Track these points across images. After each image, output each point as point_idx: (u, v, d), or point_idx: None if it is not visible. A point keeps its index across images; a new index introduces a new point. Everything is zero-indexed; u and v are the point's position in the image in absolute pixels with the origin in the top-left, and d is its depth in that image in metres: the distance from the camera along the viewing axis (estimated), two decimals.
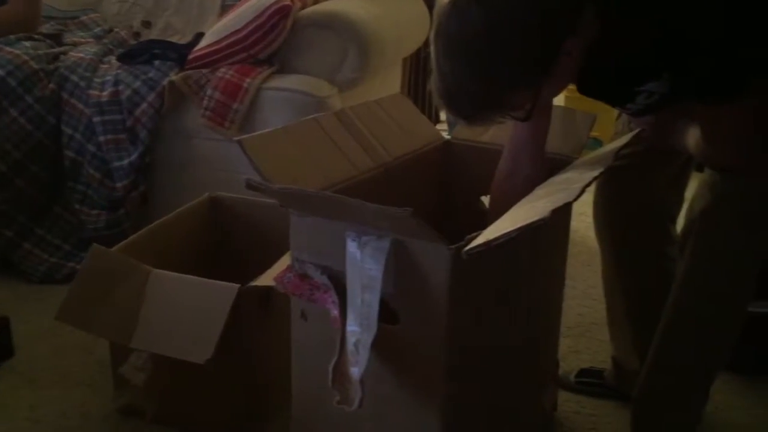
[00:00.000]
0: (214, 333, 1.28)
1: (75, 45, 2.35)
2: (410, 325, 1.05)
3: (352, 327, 1.03)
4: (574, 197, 0.92)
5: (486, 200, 1.49)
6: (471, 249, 0.89)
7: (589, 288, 2.04)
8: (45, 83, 2.11)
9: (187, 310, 1.34)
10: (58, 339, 1.74)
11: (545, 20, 0.99)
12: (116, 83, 2.09)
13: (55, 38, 2.38)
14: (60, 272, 2.05)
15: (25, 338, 1.75)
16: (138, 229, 1.61)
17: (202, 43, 2.16)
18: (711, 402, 1.42)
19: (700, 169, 1.34)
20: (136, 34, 2.53)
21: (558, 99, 1.23)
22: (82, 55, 2.21)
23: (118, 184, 2.08)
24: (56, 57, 2.21)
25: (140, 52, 2.20)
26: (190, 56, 2.14)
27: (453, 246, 0.97)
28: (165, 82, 2.06)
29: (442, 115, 3.28)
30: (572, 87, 1.13)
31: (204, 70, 2.08)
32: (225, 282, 1.34)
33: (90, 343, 1.70)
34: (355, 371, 1.03)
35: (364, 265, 1.01)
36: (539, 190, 1.10)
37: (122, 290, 1.37)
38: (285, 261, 1.19)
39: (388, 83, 2.51)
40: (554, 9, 0.99)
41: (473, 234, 0.94)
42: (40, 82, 2.10)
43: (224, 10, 2.42)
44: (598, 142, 2.65)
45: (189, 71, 2.09)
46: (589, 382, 1.61)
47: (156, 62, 2.14)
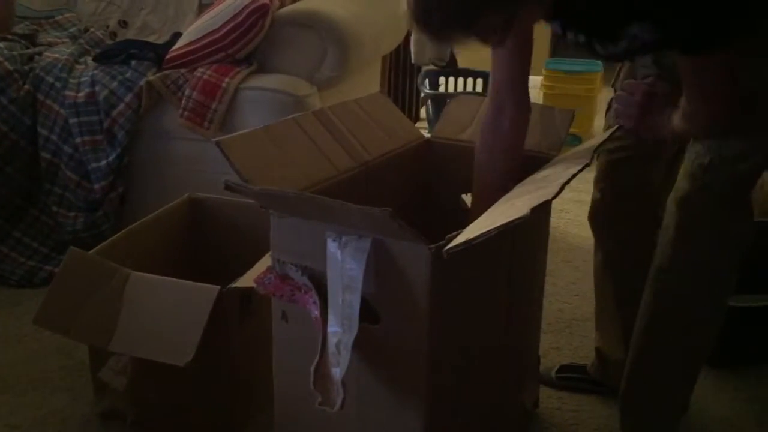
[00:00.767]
0: (195, 335, 1.27)
1: (50, 45, 2.33)
2: (391, 325, 1.05)
3: (334, 327, 1.03)
4: (554, 195, 0.93)
5: (467, 198, 1.49)
6: (451, 248, 0.89)
7: (570, 284, 2.05)
8: (20, 84, 2.08)
9: (167, 313, 1.33)
10: (37, 343, 1.72)
11: None
12: (93, 84, 2.07)
13: (30, 38, 2.35)
14: (37, 276, 2.03)
15: (3, 343, 1.73)
16: (116, 231, 1.59)
17: (180, 43, 2.14)
18: (693, 394, 1.44)
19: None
20: (113, 34, 2.50)
21: (536, 97, 1.24)
22: (58, 56, 2.18)
23: (96, 186, 2.06)
24: (31, 58, 2.19)
25: (117, 52, 2.18)
26: (168, 56, 2.12)
27: (433, 245, 0.97)
28: (142, 83, 2.05)
29: (422, 114, 3.28)
30: (549, 84, 1.12)
31: (182, 70, 2.07)
32: (205, 284, 1.34)
33: (69, 348, 1.68)
34: (337, 372, 1.03)
35: (345, 265, 1.01)
36: (519, 188, 1.10)
37: (101, 293, 1.36)
38: (265, 262, 1.18)
39: (368, 82, 2.51)
40: None
41: (453, 233, 0.94)
42: (15, 84, 2.08)
43: (202, 10, 2.41)
44: (577, 139, 2.67)
45: (167, 71, 2.07)
46: (571, 378, 1.62)
47: (133, 62, 2.12)
